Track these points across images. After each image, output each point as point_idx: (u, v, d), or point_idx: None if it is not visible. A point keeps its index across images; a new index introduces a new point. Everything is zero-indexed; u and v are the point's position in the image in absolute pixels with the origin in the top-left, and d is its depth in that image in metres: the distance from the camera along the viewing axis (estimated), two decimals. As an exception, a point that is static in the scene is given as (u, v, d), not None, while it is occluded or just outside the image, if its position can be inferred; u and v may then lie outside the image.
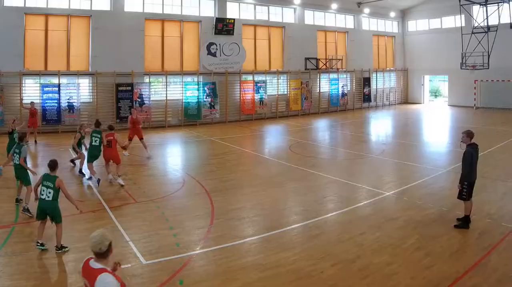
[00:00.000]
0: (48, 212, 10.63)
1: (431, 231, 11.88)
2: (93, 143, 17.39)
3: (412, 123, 36.45)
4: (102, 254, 5.48)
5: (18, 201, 14.06)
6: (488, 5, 39.50)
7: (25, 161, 13.64)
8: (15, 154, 13.78)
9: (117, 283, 5.29)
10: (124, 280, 5.70)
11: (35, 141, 25.59)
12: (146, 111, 32.48)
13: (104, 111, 31.13)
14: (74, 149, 18.93)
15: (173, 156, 24.78)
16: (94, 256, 5.51)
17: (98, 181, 16.46)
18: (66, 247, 10.59)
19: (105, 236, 5.53)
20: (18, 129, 18.73)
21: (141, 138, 22.28)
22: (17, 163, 13.78)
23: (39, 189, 10.91)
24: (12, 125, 19.12)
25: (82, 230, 11.74)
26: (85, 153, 18.50)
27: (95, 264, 5.45)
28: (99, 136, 17.35)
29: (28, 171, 13.88)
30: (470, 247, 11.00)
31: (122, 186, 16.38)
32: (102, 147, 17.27)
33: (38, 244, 10.65)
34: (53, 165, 10.96)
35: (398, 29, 52.17)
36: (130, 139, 22.39)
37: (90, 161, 17.47)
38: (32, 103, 26.23)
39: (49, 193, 10.54)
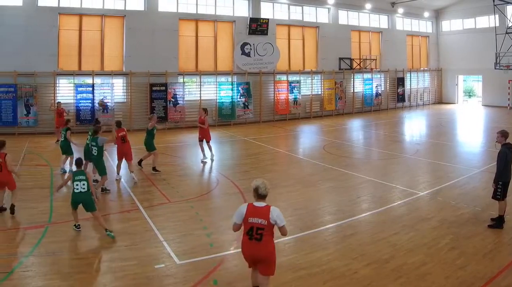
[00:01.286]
0: (85, 202, 11.20)
1: (465, 231, 11.50)
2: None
3: (446, 123, 35.05)
4: (265, 195, 7.50)
5: (104, 190, 14.99)
6: (522, 5, 37.98)
7: (102, 151, 14.48)
8: (92, 147, 14.48)
9: None
10: None
11: None
12: (180, 111, 31.90)
13: (138, 111, 30.70)
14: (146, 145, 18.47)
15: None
16: (258, 198, 7.49)
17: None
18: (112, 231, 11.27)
19: (266, 182, 7.57)
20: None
21: (207, 141, 20.73)
22: (94, 154, 14.75)
23: (69, 183, 11.83)
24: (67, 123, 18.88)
25: (117, 230, 11.48)
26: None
27: (260, 204, 7.47)
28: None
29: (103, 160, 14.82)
30: (504, 247, 10.64)
31: (135, 183, 16.29)
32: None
33: (76, 227, 11.47)
34: (80, 162, 11.77)
35: (432, 29, 50.42)
36: (201, 140, 20.86)
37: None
38: (59, 103, 25.72)
39: (83, 184, 11.18)
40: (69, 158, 17.82)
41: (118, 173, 16.93)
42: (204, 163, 20.41)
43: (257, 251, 7.41)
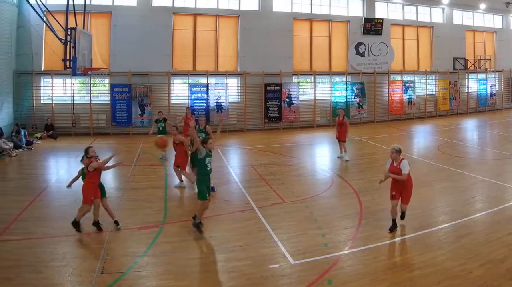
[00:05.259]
0: None
1: None
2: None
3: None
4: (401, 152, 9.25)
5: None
6: None
7: None
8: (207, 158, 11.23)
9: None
10: None
11: None
12: (294, 111, 25.71)
13: (252, 111, 25.07)
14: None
15: (321, 156, 19.82)
16: (396, 153, 9.21)
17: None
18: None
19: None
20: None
21: (343, 141, 17.23)
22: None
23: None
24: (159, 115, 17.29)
25: (231, 230, 9.80)
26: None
27: (398, 157, 9.24)
28: None
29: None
30: None
31: None
32: None
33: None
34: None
35: (547, 29, 40.49)
36: (339, 140, 17.36)
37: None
38: (188, 109, 19.06)
39: None
40: None
41: None
42: (340, 158, 17.31)
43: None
